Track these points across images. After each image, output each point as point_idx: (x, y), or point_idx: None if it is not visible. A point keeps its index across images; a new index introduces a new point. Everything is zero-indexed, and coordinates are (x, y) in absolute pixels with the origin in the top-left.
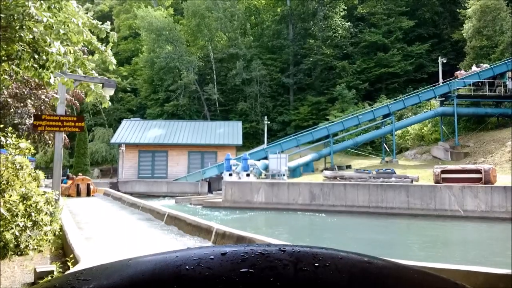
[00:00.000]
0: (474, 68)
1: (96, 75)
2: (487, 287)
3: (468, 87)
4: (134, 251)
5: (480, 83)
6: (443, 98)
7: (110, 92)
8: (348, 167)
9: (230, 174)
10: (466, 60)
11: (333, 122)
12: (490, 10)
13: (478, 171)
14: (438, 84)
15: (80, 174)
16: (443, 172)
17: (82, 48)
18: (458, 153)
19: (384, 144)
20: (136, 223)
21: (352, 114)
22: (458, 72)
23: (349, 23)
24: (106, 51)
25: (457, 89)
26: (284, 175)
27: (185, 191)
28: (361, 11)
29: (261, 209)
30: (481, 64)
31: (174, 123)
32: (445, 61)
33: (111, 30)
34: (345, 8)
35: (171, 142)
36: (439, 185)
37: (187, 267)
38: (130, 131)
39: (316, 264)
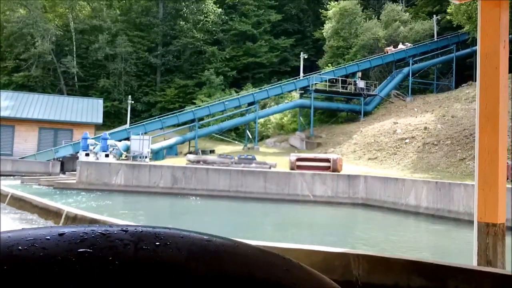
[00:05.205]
0: (400, 46)
1: None
2: (324, 264)
3: (324, 82)
4: None
5: (334, 80)
6: (303, 91)
7: None
8: (212, 151)
9: (87, 154)
10: (324, 58)
11: (199, 106)
12: (348, 14)
13: (327, 160)
14: (299, 78)
15: None
16: (298, 160)
17: None
18: (312, 143)
19: (248, 131)
20: None
21: (219, 100)
22: (388, 48)
23: (220, 10)
24: None
25: (315, 83)
26: (146, 157)
27: (34, 171)
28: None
29: (120, 192)
30: (407, 43)
31: (24, 95)
32: (306, 57)
33: None
34: None
35: (19, 116)
36: (294, 171)
37: (19, 247)
38: None
39: (157, 243)
